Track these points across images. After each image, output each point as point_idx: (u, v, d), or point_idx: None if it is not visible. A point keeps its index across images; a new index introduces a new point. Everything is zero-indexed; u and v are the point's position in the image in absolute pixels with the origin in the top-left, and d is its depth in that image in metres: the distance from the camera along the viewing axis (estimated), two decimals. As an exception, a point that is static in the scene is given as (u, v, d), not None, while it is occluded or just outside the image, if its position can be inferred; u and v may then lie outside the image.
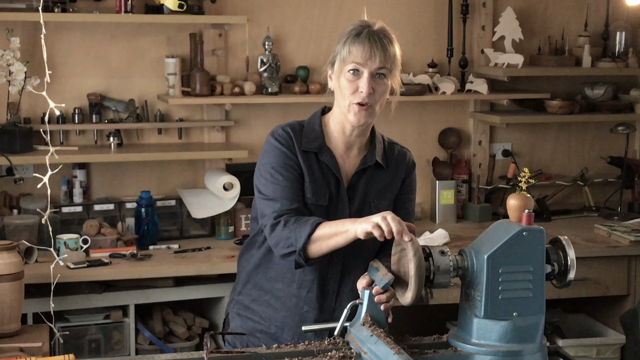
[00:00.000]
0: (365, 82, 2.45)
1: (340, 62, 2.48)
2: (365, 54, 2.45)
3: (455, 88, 4.42)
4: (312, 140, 2.56)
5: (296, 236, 2.39)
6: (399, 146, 2.72)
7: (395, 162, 2.66)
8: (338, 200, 2.56)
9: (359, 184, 2.59)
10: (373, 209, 2.57)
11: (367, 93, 2.45)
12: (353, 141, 2.59)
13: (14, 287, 3.08)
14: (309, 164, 2.54)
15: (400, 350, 1.96)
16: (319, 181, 2.54)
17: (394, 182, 2.64)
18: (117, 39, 4.16)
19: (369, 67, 2.45)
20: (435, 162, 4.54)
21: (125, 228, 4.00)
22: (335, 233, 2.36)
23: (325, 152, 2.56)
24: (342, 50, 2.48)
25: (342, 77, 2.48)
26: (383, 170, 2.63)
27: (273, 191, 2.50)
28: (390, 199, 2.62)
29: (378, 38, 2.47)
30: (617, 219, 4.47)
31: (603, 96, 4.67)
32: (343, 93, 2.49)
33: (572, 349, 3.94)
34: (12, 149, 3.82)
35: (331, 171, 2.55)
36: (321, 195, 2.53)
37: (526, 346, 2.06)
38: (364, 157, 2.60)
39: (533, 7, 4.70)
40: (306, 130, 2.58)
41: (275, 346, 2.24)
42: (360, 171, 2.59)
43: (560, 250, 2.16)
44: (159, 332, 3.80)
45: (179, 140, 4.26)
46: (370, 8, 4.44)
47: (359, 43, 2.46)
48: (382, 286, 2.16)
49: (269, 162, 2.54)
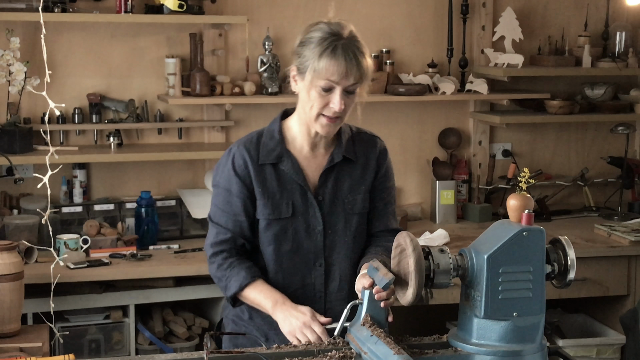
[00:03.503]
0: (338, 99, 2.40)
1: (312, 73, 2.39)
2: (341, 73, 2.38)
3: (455, 88, 4.42)
4: (270, 151, 2.52)
5: (226, 285, 2.51)
6: (368, 134, 2.66)
7: (365, 151, 2.61)
8: (307, 207, 2.52)
9: (327, 183, 2.55)
10: (347, 205, 2.55)
11: (339, 110, 2.41)
12: (319, 141, 2.55)
13: (14, 287, 3.08)
14: (263, 181, 2.51)
15: (400, 350, 1.96)
16: (277, 195, 2.51)
17: (366, 174, 2.60)
18: (117, 39, 4.16)
19: (342, 85, 2.39)
20: (435, 162, 4.54)
21: (125, 228, 3.99)
22: (258, 304, 2.49)
23: (286, 160, 2.52)
24: (316, 62, 2.38)
25: (312, 90, 2.41)
26: (353, 164, 2.58)
27: (214, 214, 2.57)
28: (365, 191, 2.58)
29: (353, 54, 2.40)
30: (617, 219, 4.47)
31: (603, 96, 4.67)
32: (312, 104, 2.43)
33: (572, 349, 3.94)
34: (12, 149, 3.82)
35: (293, 179, 2.52)
36: (283, 208, 2.51)
37: (526, 346, 2.06)
38: (331, 154, 2.56)
39: (533, 7, 4.70)
40: (264, 141, 2.54)
41: (275, 346, 2.24)
42: (328, 169, 2.55)
43: (560, 250, 2.16)
44: (159, 332, 3.80)
45: (179, 140, 4.26)
46: (370, 8, 4.48)
47: (334, 60, 2.37)
48: (382, 286, 2.16)
49: (217, 183, 2.57)
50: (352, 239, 2.56)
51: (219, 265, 2.52)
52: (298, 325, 2.36)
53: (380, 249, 2.56)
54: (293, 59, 2.49)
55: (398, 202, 4.59)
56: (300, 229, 2.52)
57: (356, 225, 2.57)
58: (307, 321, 2.37)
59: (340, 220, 2.55)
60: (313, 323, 2.36)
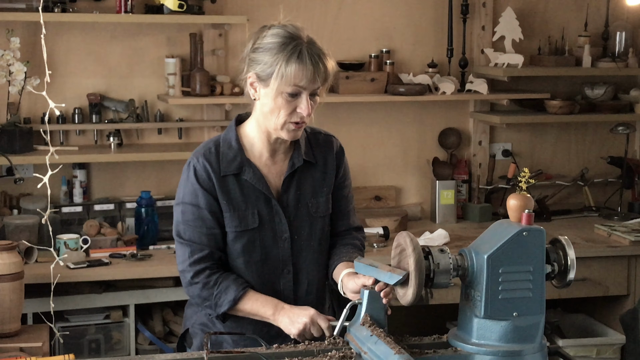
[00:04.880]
0: (305, 104, 2.37)
1: (278, 80, 2.34)
2: (308, 77, 2.35)
3: (455, 88, 4.41)
4: (231, 161, 2.47)
5: (216, 303, 2.44)
6: (322, 134, 2.62)
7: (324, 152, 2.58)
8: (273, 215, 2.49)
9: (290, 189, 2.52)
10: (311, 209, 2.53)
11: (307, 114, 2.38)
12: (278, 147, 2.51)
13: (14, 287, 3.08)
14: (227, 193, 2.45)
15: (400, 350, 1.96)
16: (242, 206, 2.47)
17: (327, 176, 2.57)
18: (117, 39, 4.16)
19: (309, 89, 2.37)
20: (435, 162, 4.54)
21: (125, 228, 4.00)
22: (256, 314, 2.44)
23: (247, 170, 2.47)
24: (283, 69, 2.34)
25: (279, 97, 2.37)
26: (313, 166, 2.55)
27: (183, 232, 2.47)
28: (327, 193, 2.56)
29: (318, 57, 2.37)
30: (617, 219, 4.47)
31: (603, 96, 4.67)
32: (278, 112, 2.38)
33: (572, 349, 3.94)
34: (12, 149, 3.82)
35: (257, 188, 2.48)
36: (250, 219, 2.47)
37: (526, 346, 2.06)
38: (291, 159, 2.52)
39: (533, 7, 4.70)
40: (222, 151, 2.48)
41: (275, 346, 2.24)
42: (290, 175, 2.52)
43: (560, 250, 2.16)
44: (159, 332, 3.80)
45: (179, 140, 4.26)
46: (370, 8, 4.48)
47: (302, 65, 2.34)
48: (394, 283, 2.14)
49: (183, 200, 2.48)
50: (317, 243, 2.54)
51: (204, 285, 2.44)
52: (307, 324, 2.35)
53: (349, 247, 2.57)
54: (247, 66, 2.43)
55: (398, 202, 4.60)
56: (267, 238, 2.48)
57: (321, 228, 2.55)
58: (314, 317, 2.35)
59: (306, 225, 2.52)
60: (319, 318, 2.36)
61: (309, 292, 2.55)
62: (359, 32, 4.46)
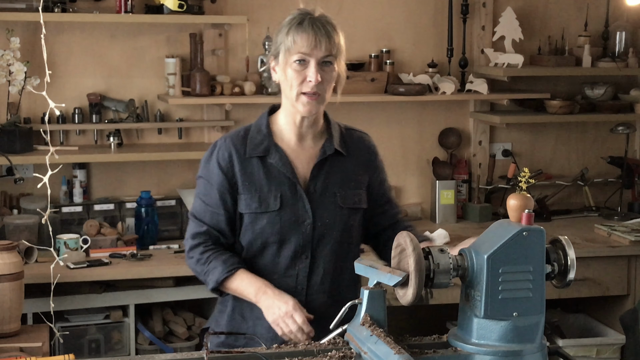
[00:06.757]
0: (313, 71, 2.42)
1: (284, 52, 2.44)
2: (310, 43, 2.42)
3: (455, 88, 4.42)
4: (258, 144, 2.53)
5: (205, 279, 2.53)
6: (357, 132, 2.69)
7: (356, 148, 2.63)
8: (296, 200, 2.51)
9: (319, 176, 2.55)
10: (338, 199, 2.55)
11: (315, 82, 2.43)
12: (305, 132, 2.55)
13: (14, 287, 3.08)
14: (249, 175, 2.51)
15: (401, 350, 1.96)
16: (265, 188, 2.50)
17: (358, 170, 2.61)
18: (117, 39, 4.16)
19: (315, 56, 2.43)
20: (435, 162, 4.55)
21: (125, 228, 4.00)
22: (241, 293, 2.49)
23: (274, 153, 2.52)
24: (285, 40, 2.44)
25: (288, 68, 2.45)
26: (344, 158, 2.59)
27: (194, 206, 2.58)
28: (355, 187, 2.58)
29: (321, 25, 2.44)
30: (617, 219, 4.47)
31: (603, 96, 4.67)
32: (290, 84, 2.45)
33: (572, 349, 3.94)
34: (12, 149, 3.82)
35: (281, 172, 2.52)
36: (271, 202, 2.50)
37: (526, 346, 2.06)
38: (323, 146, 2.56)
39: (533, 7, 4.70)
40: (251, 135, 2.55)
41: (275, 346, 2.24)
42: (320, 162, 2.55)
43: (560, 250, 2.16)
44: (159, 332, 3.80)
45: (179, 140, 4.26)
46: (370, 8, 4.48)
47: (302, 32, 2.43)
48: (393, 284, 2.14)
49: (200, 174, 2.59)
50: (340, 234, 2.55)
51: (197, 261, 2.52)
52: (281, 315, 2.39)
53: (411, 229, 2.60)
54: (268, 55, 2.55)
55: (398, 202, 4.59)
56: (288, 222, 2.51)
57: (345, 220, 2.56)
58: (289, 310, 2.39)
59: (330, 214, 2.54)
60: (295, 313, 2.38)
61: (323, 281, 2.55)
62: (359, 32, 4.46)
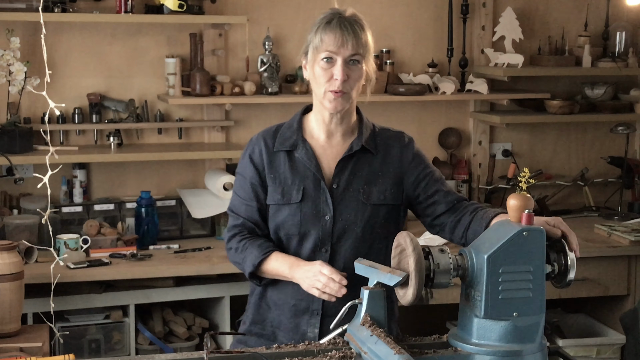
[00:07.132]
0: (339, 69, 2.47)
1: (313, 50, 2.51)
2: (337, 41, 2.47)
3: (455, 88, 4.42)
4: (286, 139, 2.61)
5: (243, 266, 2.61)
6: (392, 131, 2.73)
7: (387, 145, 2.65)
8: (319, 193, 2.56)
9: (344, 171, 2.58)
10: (362, 195, 2.58)
11: (341, 80, 2.47)
12: (334, 129, 2.60)
13: (14, 287, 3.08)
14: (276, 167, 2.59)
15: (401, 350, 1.96)
16: (289, 180, 2.57)
17: (387, 167, 2.62)
18: (117, 39, 4.16)
19: (342, 54, 2.48)
20: (435, 162, 4.54)
21: (125, 228, 3.99)
22: (277, 274, 2.55)
23: (301, 148, 2.59)
24: (314, 38, 2.51)
25: (316, 66, 2.51)
26: (372, 156, 2.62)
27: (232, 201, 2.68)
28: (382, 184, 2.60)
29: (349, 24, 2.49)
30: (617, 219, 4.46)
31: (603, 96, 4.67)
32: (318, 81, 2.51)
33: (572, 349, 3.94)
34: (12, 149, 3.82)
35: (306, 166, 2.57)
36: (293, 194, 2.56)
37: (526, 346, 2.06)
38: (351, 143, 2.60)
39: (533, 7, 4.70)
40: (282, 131, 2.63)
41: (275, 346, 2.24)
42: (346, 158, 2.59)
43: (560, 250, 2.16)
44: (159, 332, 3.80)
45: (179, 140, 4.26)
46: (370, 8, 4.47)
47: (330, 31, 2.48)
48: (393, 284, 2.15)
49: (237, 170, 2.69)
50: (361, 230, 2.57)
51: (235, 250, 2.60)
52: (311, 278, 2.44)
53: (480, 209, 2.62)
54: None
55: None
56: (309, 215, 2.55)
57: (369, 217, 2.58)
58: (316, 270, 2.43)
59: (352, 210, 2.57)
60: (322, 268, 2.42)
61: None
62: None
